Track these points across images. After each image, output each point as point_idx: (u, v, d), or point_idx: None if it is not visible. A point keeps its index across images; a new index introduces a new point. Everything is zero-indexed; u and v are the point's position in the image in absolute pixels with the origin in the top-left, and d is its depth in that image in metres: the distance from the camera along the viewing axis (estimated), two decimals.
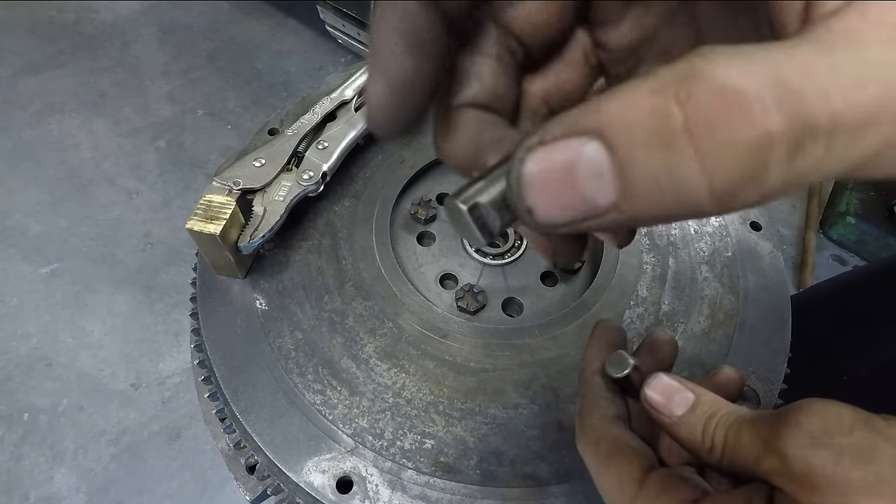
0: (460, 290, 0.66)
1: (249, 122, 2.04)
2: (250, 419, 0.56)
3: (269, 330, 0.61)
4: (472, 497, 0.52)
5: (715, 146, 0.14)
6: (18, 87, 2.06)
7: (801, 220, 1.96)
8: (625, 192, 0.16)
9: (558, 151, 0.16)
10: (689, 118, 0.14)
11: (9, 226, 1.72)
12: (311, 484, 0.52)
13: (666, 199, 0.15)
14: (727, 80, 0.13)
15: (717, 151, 0.14)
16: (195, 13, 2.37)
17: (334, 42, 2.12)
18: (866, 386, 0.91)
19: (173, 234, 1.74)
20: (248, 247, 0.60)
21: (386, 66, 0.21)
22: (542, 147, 0.17)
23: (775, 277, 0.68)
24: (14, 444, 1.39)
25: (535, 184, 0.17)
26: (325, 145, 0.68)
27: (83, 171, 1.86)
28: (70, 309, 1.59)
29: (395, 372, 0.59)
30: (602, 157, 0.16)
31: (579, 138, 0.16)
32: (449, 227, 0.73)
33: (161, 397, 1.47)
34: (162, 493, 1.35)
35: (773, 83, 0.13)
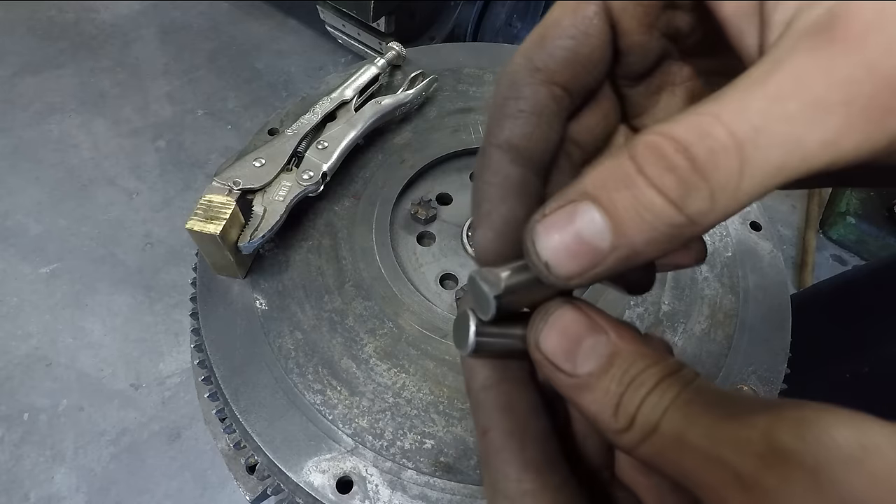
0: (460, 290, 0.66)
1: (249, 122, 2.04)
2: (250, 419, 0.56)
3: (269, 330, 0.61)
4: (472, 497, 0.52)
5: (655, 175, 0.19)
6: (18, 87, 2.06)
7: (801, 220, 1.96)
8: (616, 229, 0.20)
9: (560, 215, 0.21)
10: (637, 163, 0.20)
11: (9, 226, 1.72)
12: (311, 484, 0.52)
13: (649, 225, 0.20)
14: (650, 138, 0.20)
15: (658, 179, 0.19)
16: (195, 13, 2.37)
17: (334, 42, 2.12)
18: (867, 384, 0.91)
19: (173, 234, 1.74)
20: (248, 247, 0.60)
21: (488, 214, 0.26)
22: (546, 217, 0.22)
23: (775, 277, 0.68)
24: (14, 444, 1.39)
25: (547, 242, 0.21)
26: (325, 145, 0.68)
27: (83, 171, 1.86)
28: (70, 309, 1.59)
29: (395, 372, 0.59)
30: (592, 210, 0.20)
31: (573, 203, 0.21)
32: (449, 227, 0.73)
33: (161, 397, 1.47)
34: (162, 493, 1.35)
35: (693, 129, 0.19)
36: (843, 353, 0.98)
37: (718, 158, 0.19)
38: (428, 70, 0.80)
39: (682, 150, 0.19)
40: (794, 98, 0.18)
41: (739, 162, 0.19)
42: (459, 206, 0.75)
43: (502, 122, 0.26)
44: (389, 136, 0.77)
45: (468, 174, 0.78)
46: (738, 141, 0.18)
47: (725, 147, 0.19)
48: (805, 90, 0.18)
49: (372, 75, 0.76)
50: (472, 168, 0.78)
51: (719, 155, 0.19)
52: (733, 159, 0.19)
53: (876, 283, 1.02)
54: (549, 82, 0.26)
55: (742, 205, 0.19)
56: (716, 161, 0.19)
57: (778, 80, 0.19)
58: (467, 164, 0.78)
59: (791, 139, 0.18)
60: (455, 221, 0.73)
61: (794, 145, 0.18)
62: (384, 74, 0.78)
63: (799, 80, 0.18)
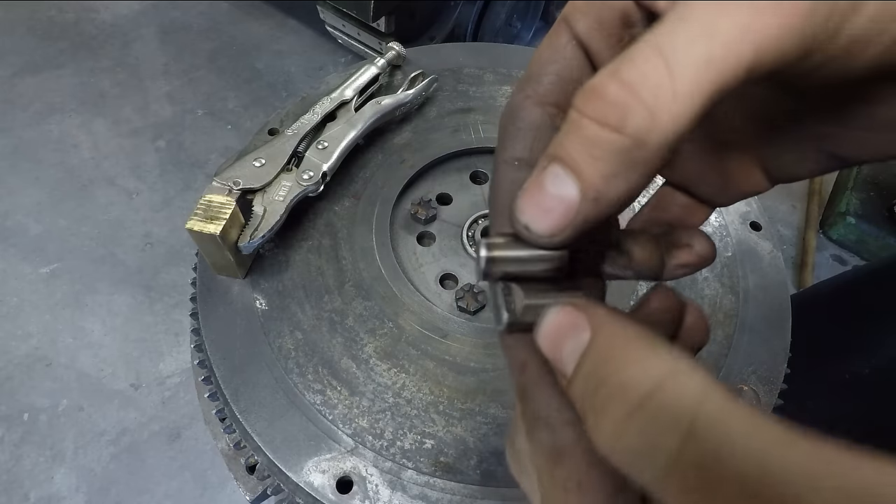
0: (460, 290, 0.66)
1: (249, 122, 2.04)
2: (250, 419, 0.56)
3: (269, 330, 0.61)
4: (472, 497, 0.52)
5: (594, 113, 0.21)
6: (18, 87, 2.06)
7: (801, 220, 1.96)
8: (577, 177, 0.21)
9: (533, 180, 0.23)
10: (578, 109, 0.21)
11: (9, 226, 1.72)
12: (311, 484, 0.52)
13: (601, 160, 0.21)
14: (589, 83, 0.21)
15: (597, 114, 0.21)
16: (195, 13, 2.37)
17: (334, 42, 2.12)
18: (868, 384, 0.91)
19: (173, 234, 1.74)
20: (248, 247, 0.60)
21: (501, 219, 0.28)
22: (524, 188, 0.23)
23: (775, 277, 0.68)
24: (14, 444, 1.39)
25: (523, 205, 0.23)
26: (325, 145, 0.68)
27: (83, 171, 1.86)
28: (70, 309, 1.59)
29: (395, 372, 0.59)
30: (556, 167, 0.22)
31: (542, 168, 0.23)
32: (449, 227, 0.73)
33: (161, 397, 1.47)
34: (162, 493, 1.35)
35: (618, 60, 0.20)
36: (843, 353, 0.98)
37: (644, 68, 0.20)
38: (428, 70, 0.80)
39: (610, 77, 0.20)
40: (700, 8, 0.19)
41: (664, 68, 0.19)
42: (459, 206, 0.75)
43: (506, 142, 0.30)
44: (389, 136, 0.77)
45: (468, 174, 0.78)
46: (659, 52, 0.19)
47: (646, 57, 0.20)
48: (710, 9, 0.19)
49: (372, 75, 0.76)
50: (472, 168, 0.78)
51: (644, 65, 0.20)
52: (659, 68, 0.19)
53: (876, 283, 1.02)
54: (542, 104, 0.29)
55: (685, 110, 0.20)
56: (642, 72, 0.20)
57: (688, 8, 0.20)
58: (467, 164, 0.78)
59: (709, 37, 0.19)
60: (455, 221, 0.73)
61: (713, 43, 0.19)
62: (384, 74, 0.78)
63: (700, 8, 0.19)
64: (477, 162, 0.79)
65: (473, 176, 0.78)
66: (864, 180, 1.91)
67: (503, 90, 0.84)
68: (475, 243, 0.71)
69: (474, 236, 0.71)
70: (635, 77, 0.20)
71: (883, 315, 0.96)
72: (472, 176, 0.78)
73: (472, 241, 0.71)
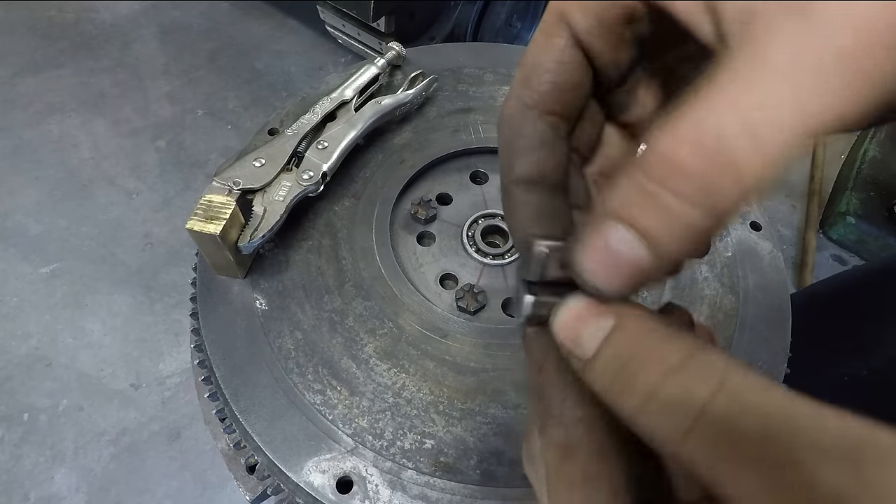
0: (460, 290, 0.66)
1: (249, 122, 2.04)
2: (250, 419, 0.56)
3: (269, 330, 0.61)
4: (472, 497, 0.52)
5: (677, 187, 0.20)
6: (18, 87, 2.06)
7: (801, 220, 1.96)
8: (650, 244, 0.21)
9: (594, 240, 0.22)
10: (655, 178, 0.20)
11: (9, 226, 1.72)
12: (311, 484, 0.52)
13: (681, 233, 0.20)
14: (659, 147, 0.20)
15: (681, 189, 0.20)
16: (195, 13, 2.37)
17: (334, 42, 2.12)
18: (866, 386, 0.91)
19: (173, 234, 1.74)
20: (248, 247, 0.60)
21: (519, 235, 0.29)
22: (583, 245, 0.23)
23: (775, 277, 0.68)
24: (14, 444, 1.39)
25: (589, 267, 0.23)
26: (325, 145, 0.68)
27: (83, 171, 1.86)
28: (70, 309, 1.59)
29: (395, 372, 0.59)
30: (621, 229, 0.21)
31: (602, 227, 0.22)
32: (449, 227, 0.73)
33: (161, 397, 1.47)
34: (162, 493, 1.35)
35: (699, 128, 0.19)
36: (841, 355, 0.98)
37: (735, 147, 0.18)
38: (428, 70, 0.80)
39: (696, 151, 0.19)
40: (796, 67, 0.18)
41: (753, 142, 0.18)
42: (459, 206, 0.75)
43: (513, 161, 0.29)
44: (389, 136, 0.77)
45: (468, 174, 0.78)
46: (750, 122, 0.18)
47: (739, 132, 0.18)
48: (805, 57, 0.18)
49: (372, 75, 0.76)
50: (472, 168, 0.78)
51: (735, 143, 0.18)
52: (748, 143, 0.18)
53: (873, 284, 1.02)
54: (544, 114, 0.29)
55: (769, 177, 0.19)
56: (732, 150, 0.18)
57: (775, 52, 0.19)
58: (467, 163, 0.78)
59: (804, 107, 0.18)
60: (455, 221, 0.73)
61: (807, 112, 0.18)
62: (384, 74, 0.78)
63: (795, 48, 0.18)
64: (477, 162, 0.79)
65: (473, 176, 0.78)
66: (864, 180, 1.91)
67: (503, 90, 0.84)
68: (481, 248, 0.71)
69: (474, 236, 0.71)
70: (714, 144, 0.19)
71: (880, 316, 0.96)
72: (472, 176, 0.78)
73: (471, 241, 0.71)
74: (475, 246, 0.71)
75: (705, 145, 0.19)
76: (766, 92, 0.18)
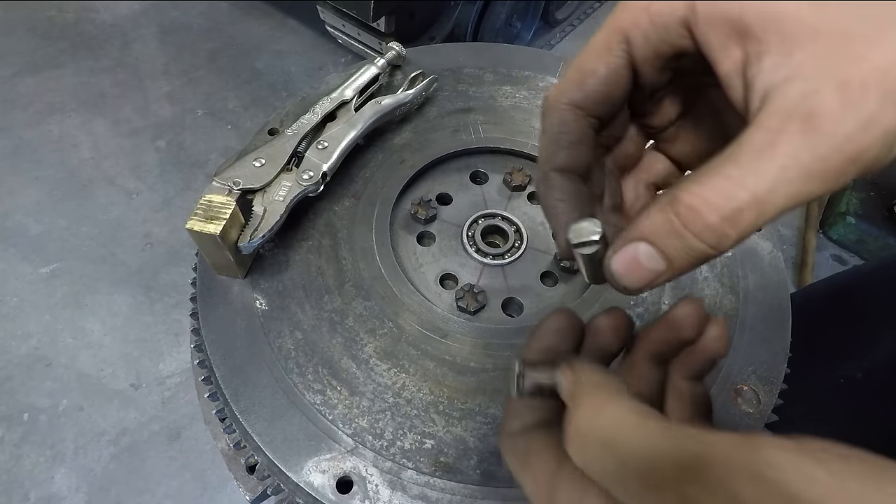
0: (460, 290, 0.66)
1: (249, 122, 2.04)
2: (250, 419, 0.56)
3: (269, 330, 0.61)
4: (472, 497, 0.53)
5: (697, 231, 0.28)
6: (18, 87, 2.06)
7: (801, 220, 1.96)
8: (668, 261, 0.30)
9: (627, 253, 0.31)
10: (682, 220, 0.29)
11: (9, 226, 1.72)
12: (311, 484, 0.52)
13: (692, 259, 0.30)
14: (689, 199, 0.28)
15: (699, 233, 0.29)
16: (195, 13, 2.37)
17: (334, 42, 2.12)
18: (861, 388, 0.91)
19: (173, 234, 1.74)
20: (248, 247, 0.60)
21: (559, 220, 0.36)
22: (616, 254, 0.32)
23: (775, 277, 0.68)
24: (14, 444, 1.39)
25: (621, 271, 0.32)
26: (325, 145, 0.68)
27: (83, 171, 1.86)
28: (70, 309, 1.59)
29: (395, 372, 0.59)
30: (650, 249, 0.30)
31: (634, 244, 0.31)
32: (449, 227, 0.73)
33: (161, 397, 1.47)
34: (162, 493, 1.35)
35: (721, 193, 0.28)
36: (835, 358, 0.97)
37: (743, 214, 0.27)
38: (428, 70, 0.80)
39: (716, 211, 0.28)
40: (791, 170, 0.26)
41: (757, 213, 0.27)
42: (459, 206, 0.75)
43: (557, 151, 0.36)
44: (389, 136, 0.77)
45: (468, 174, 0.78)
46: (757, 200, 0.27)
47: (748, 206, 0.27)
48: (797, 164, 0.26)
49: (372, 75, 0.76)
50: (472, 168, 0.78)
51: (744, 212, 0.27)
52: (753, 213, 0.27)
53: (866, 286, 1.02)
54: (588, 116, 0.35)
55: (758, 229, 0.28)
56: (741, 215, 0.27)
57: (780, 157, 0.27)
58: (467, 163, 0.78)
59: (790, 194, 0.27)
60: (455, 221, 0.73)
61: (791, 197, 0.27)
62: (384, 74, 0.78)
63: (793, 157, 0.26)
64: (477, 162, 0.79)
65: (473, 176, 0.78)
66: (864, 180, 1.91)
67: (503, 90, 0.84)
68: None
69: (474, 236, 0.71)
70: (734, 217, 0.27)
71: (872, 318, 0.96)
72: (472, 176, 0.78)
73: (471, 241, 0.71)
74: (475, 246, 0.71)
75: (724, 210, 0.27)
76: (771, 180, 0.27)
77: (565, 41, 2.48)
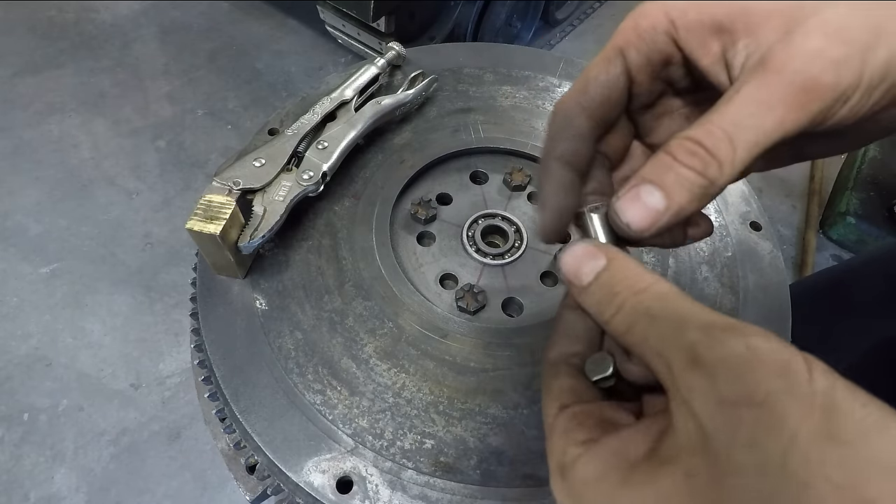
0: (460, 290, 0.66)
1: (249, 122, 2.04)
2: (250, 419, 0.56)
3: (269, 330, 0.61)
4: (472, 497, 0.53)
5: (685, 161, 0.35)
6: (18, 87, 2.06)
7: (801, 220, 1.96)
8: (667, 196, 0.34)
9: (633, 193, 0.36)
10: (673, 155, 0.35)
11: (9, 226, 1.72)
12: (311, 484, 0.52)
13: (687, 189, 0.34)
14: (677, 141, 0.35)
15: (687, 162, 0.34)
16: (195, 13, 2.37)
17: (334, 42, 2.12)
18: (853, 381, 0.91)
19: (173, 234, 1.74)
20: (248, 247, 0.60)
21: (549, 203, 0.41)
22: (621, 197, 0.36)
23: (775, 277, 0.68)
24: (14, 444, 1.39)
25: (626, 210, 0.36)
26: (325, 145, 0.68)
27: (83, 171, 1.86)
28: (70, 309, 1.59)
29: (395, 372, 0.59)
30: (651, 188, 0.35)
31: (637, 186, 0.36)
32: (449, 227, 0.73)
33: (161, 397, 1.47)
34: (162, 493, 1.35)
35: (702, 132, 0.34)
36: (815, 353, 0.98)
37: (719, 143, 0.34)
38: (428, 70, 0.80)
39: (698, 143, 0.34)
40: (752, 105, 0.33)
41: (730, 143, 0.33)
42: (459, 206, 0.75)
43: (559, 143, 0.41)
44: (389, 136, 0.77)
45: (468, 174, 0.78)
46: (728, 133, 0.34)
47: (722, 137, 0.34)
48: (756, 100, 0.33)
49: (372, 75, 0.76)
50: (472, 168, 0.78)
51: (720, 141, 0.34)
52: (727, 142, 0.34)
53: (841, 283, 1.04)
54: (590, 117, 0.41)
55: (739, 168, 0.34)
56: (718, 145, 0.34)
57: (742, 97, 0.34)
58: (467, 163, 0.78)
59: (757, 125, 0.33)
60: (455, 221, 0.73)
61: (759, 128, 0.33)
62: (384, 74, 0.78)
63: (752, 95, 0.34)
64: (477, 162, 0.79)
65: (473, 176, 0.78)
66: (864, 180, 1.91)
67: (503, 90, 0.84)
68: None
69: (474, 236, 0.71)
70: (713, 146, 0.33)
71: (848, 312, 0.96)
72: (472, 176, 0.78)
73: (471, 241, 0.71)
74: (475, 246, 0.71)
75: (706, 143, 0.34)
76: (736, 115, 0.34)
77: (565, 41, 2.47)
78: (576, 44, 2.47)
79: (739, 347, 0.27)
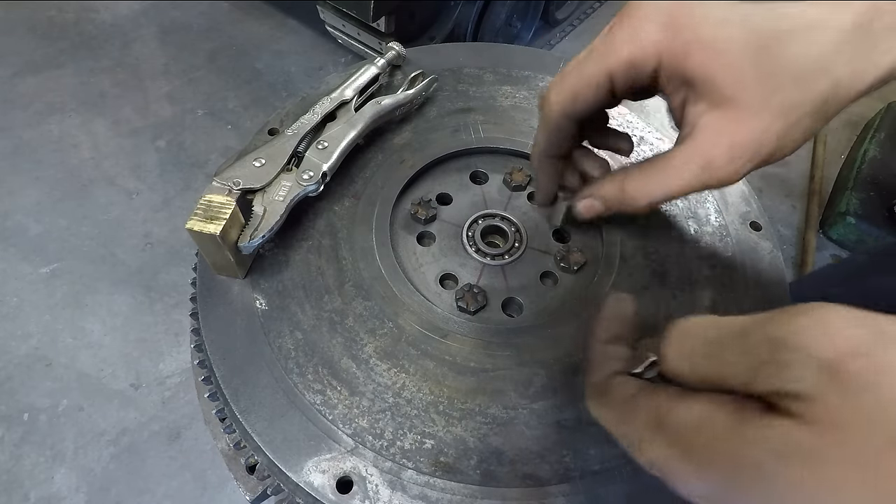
0: (460, 290, 0.66)
1: (249, 122, 2.04)
2: (250, 419, 0.56)
3: (269, 330, 0.61)
4: (472, 497, 0.52)
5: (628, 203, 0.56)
6: (18, 87, 2.06)
7: (801, 220, 1.96)
8: (604, 202, 0.59)
9: (585, 202, 0.60)
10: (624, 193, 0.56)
11: (9, 226, 1.72)
12: (311, 484, 0.52)
13: (620, 209, 0.57)
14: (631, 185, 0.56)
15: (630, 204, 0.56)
16: (195, 13, 2.37)
17: (334, 42, 2.12)
18: None
19: (173, 234, 1.74)
20: (248, 247, 0.60)
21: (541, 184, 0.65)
22: (579, 201, 0.61)
23: (775, 277, 0.68)
24: (14, 444, 1.39)
25: (581, 207, 0.61)
26: (325, 145, 0.68)
27: (83, 171, 1.86)
28: (70, 309, 1.59)
29: (395, 372, 0.59)
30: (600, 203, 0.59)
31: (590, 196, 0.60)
32: (449, 227, 0.73)
33: (161, 397, 1.47)
34: (162, 493, 1.35)
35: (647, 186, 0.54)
36: None
37: (657, 197, 0.53)
38: (428, 70, 0.80)
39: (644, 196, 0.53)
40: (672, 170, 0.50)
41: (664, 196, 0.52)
42: (459, 206, 0.75)
43: (553, 145, 0.59)
44: (389, 136, 0.77)
45: (468, 174, 0.78)
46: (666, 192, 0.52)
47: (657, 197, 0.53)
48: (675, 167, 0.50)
49: (372, 75, 0.76)
50: (472, 168, 0.78)
51: (656, 195, 0.53)
52: (662, 196, 0.53)
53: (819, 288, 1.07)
54: (576, 122, 0.55)
55: (644, 204, 0.53)
56: (655, 198, 0.53)
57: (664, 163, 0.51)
58: (467, 163, 0.78)
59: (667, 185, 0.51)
60: (455, 221, 0.73)
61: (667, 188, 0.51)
62: (384, 74, 0.78)
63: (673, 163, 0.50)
64: (477, 162, 0.79)
65: (473, 176, 0.78)
66: (864, 180, 1.91)
67: (503, 90, 0.84)
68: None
69: (474, 236, 0.71)
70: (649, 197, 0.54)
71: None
72: (472, 176, 0.78)
73: (471, 241, 0.71)
74: (475, 246, 0.71)
75: (648, 196, 0.53)
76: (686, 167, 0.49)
77: (565, 41, 2.48)
78: (576, 44, 2.47)
79: None
